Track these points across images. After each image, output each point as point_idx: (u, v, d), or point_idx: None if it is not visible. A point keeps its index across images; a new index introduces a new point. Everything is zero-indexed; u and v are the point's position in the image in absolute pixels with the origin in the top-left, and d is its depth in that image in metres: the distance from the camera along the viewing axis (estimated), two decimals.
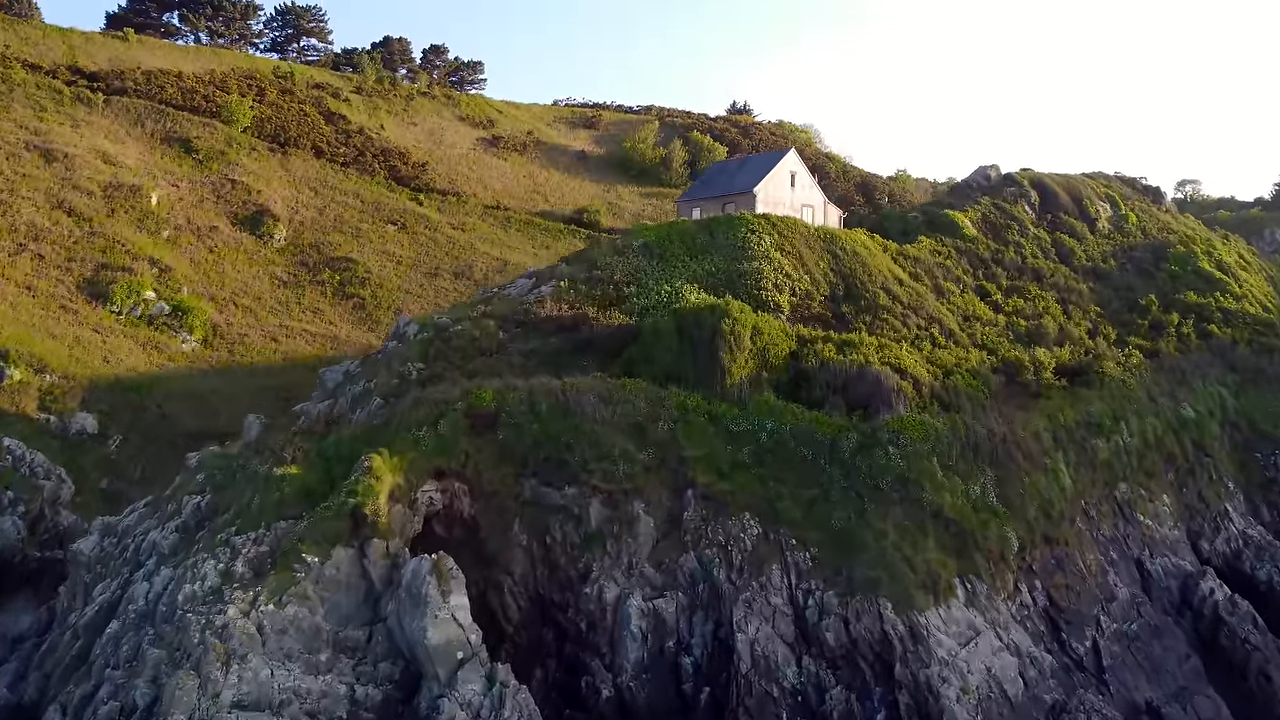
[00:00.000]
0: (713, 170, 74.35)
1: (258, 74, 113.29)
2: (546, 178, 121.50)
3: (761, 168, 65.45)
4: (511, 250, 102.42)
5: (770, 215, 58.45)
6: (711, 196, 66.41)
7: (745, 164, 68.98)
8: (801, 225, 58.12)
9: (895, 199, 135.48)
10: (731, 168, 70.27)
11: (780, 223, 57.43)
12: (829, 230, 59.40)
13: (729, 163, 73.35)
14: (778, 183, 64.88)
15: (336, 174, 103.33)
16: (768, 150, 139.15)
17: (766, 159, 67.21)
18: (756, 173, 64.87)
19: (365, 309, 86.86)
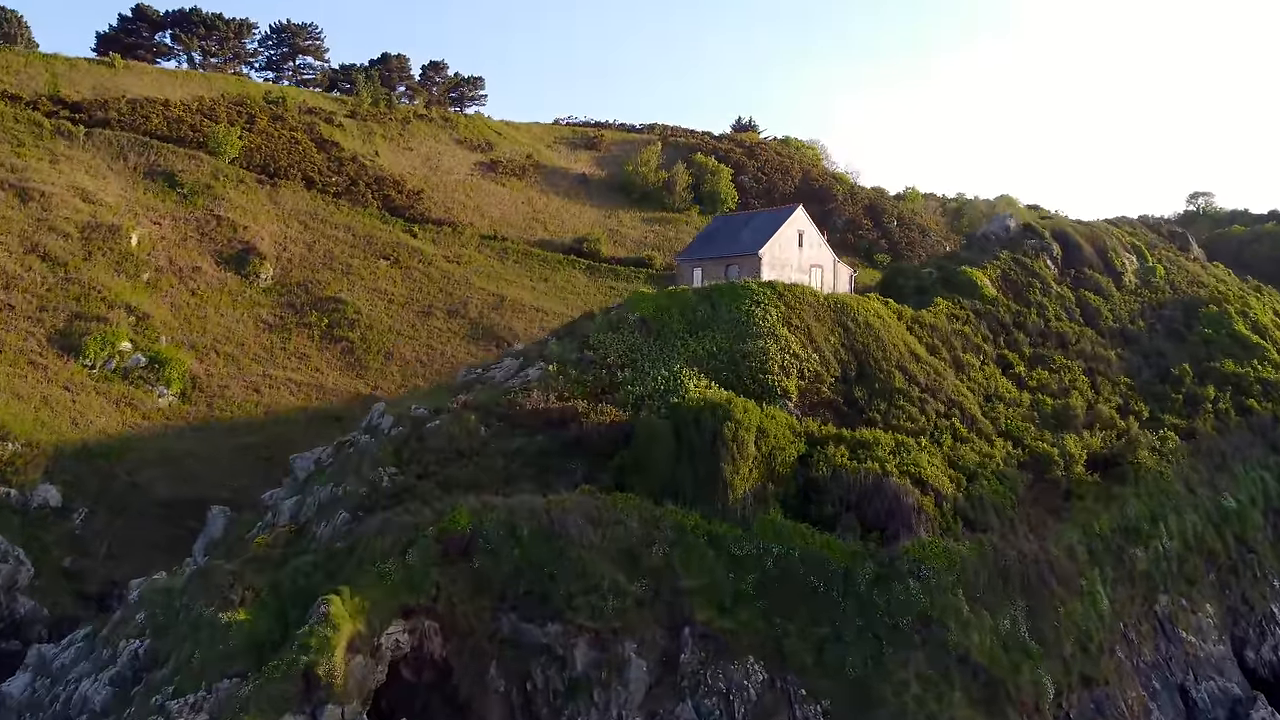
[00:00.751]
0: (716, 225, 69.31)
1: (248, 99, 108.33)
2: (546, 203, 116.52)
3: (767, 227, 60.45)
4: (508, 284, 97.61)
5: (776, 283, 53.44)
6: (714, 257, 61.45)
7: (750, 221, 63.94)
8: (810, 294, 53.16)
9: (904, 222, 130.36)
10: (736, 223, 65.24)
11: (787, 292, 52.47)
12: (839, 299, 54.40)
13: (733, 218, 68.26)
14: (784, 243, 59.93)
15: (328, 205, 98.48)
16: (775, 168, 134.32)
17: (772, 218, 62.20)
18: (762, 232, 59.90)
19: (354, 353, 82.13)
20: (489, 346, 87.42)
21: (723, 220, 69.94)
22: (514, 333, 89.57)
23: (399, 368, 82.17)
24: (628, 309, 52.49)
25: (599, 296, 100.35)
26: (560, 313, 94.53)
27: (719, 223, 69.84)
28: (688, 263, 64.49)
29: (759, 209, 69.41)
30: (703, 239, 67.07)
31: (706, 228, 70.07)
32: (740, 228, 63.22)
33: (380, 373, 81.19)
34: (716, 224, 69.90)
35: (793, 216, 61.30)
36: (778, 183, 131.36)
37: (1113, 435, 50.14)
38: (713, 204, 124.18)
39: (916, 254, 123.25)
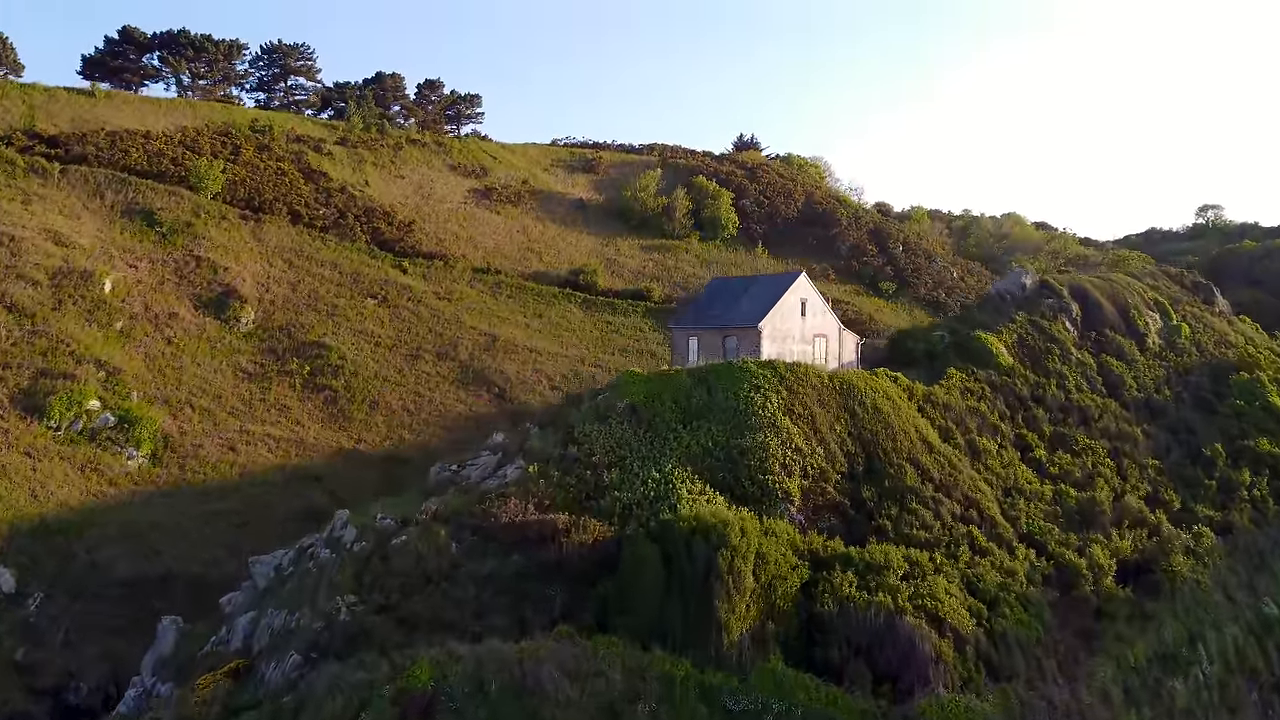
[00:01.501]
0: (713, 289, 64.37)
1: (234, 128, 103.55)
2: (541, 232, 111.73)
3: (767, 296, 55.64)
4: (501, 322, 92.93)
5: (778, 364, 48.68)
6: (711, 327, 56.71)
7: (750, 288, 59.06)
8: (813, 375, 48.43)
9: (910, 247, 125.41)
10: (734, 288, 60.41)
11: (789, 374, 47.72)
12: (845, 379, 49.61)
13: (731, 282, 63.40)
14: (785, 313, 55.19)
15: (314, 241, 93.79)
16: (778, 191, 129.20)
17: (773, 285, 57.34)
18: (762, 302, 55.13)
19: (337, 403, 77.52)
20: (479, 392, 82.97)
21: (720, 283, 65.01)
22: (505, 376, 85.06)
23: (384, 418, 77.60)
24: (617, 394, 47.73)
25: (594, 332, 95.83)
26: (554, 353, 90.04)
27: (716, 286, 64.92)
28: (683, 331, 59.74)
29: (758, 275, 63.88)
30: (699, 304, 62.26)
31: (704, 291, 65.17)
32: (739, 294, 58.39)
33: (364, 424, 76.64)
34: (714, 288, 64.98)
35: (795, 284, 56.42)
36: (780, 206, 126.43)
37: (1143, 535, 45.42)
38: (713, 229, 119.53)
39: (923, 281, 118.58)
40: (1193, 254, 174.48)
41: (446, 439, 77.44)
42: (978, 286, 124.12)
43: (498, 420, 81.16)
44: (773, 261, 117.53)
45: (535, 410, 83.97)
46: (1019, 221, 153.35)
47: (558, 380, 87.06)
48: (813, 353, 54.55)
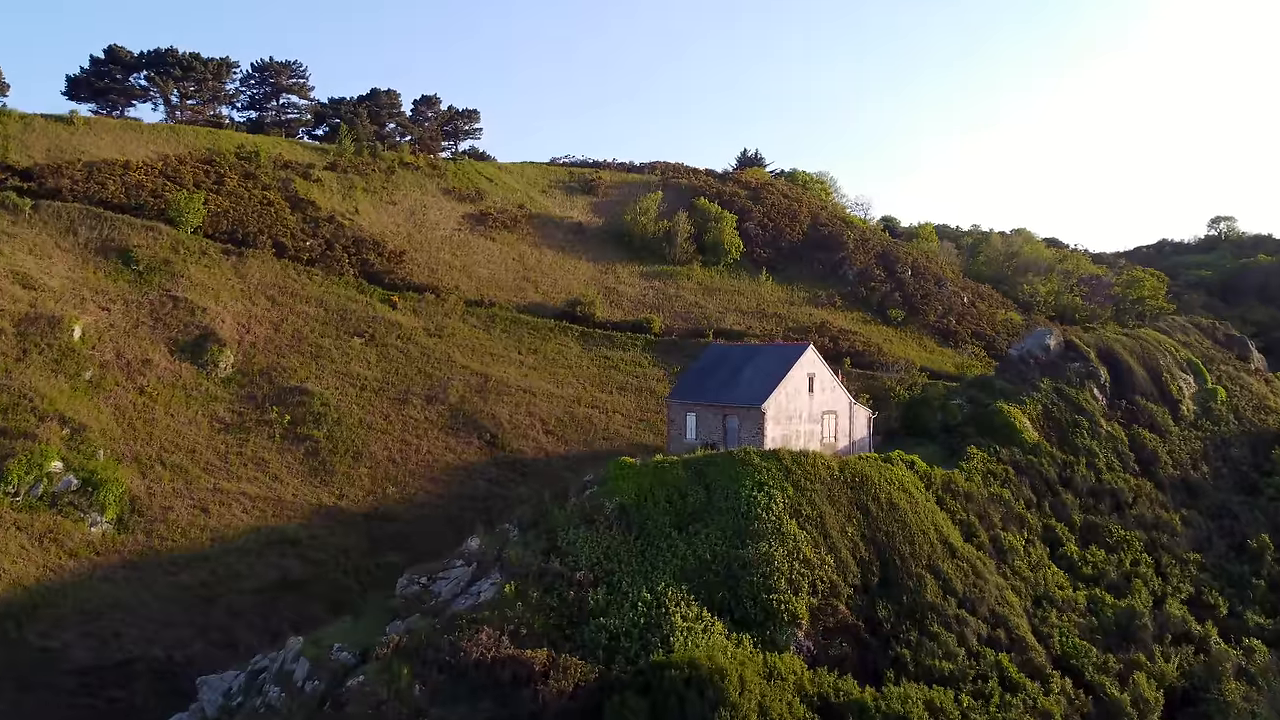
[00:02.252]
0: (712, 357, 58.89)
1: (219, 154, 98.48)
2: (538, 259, 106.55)
3: (771, 371, 50.42)
4: (494, 360, 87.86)
5: (783, 454, 43.60)
6: (710, 403, 51.56)
7: (753, 359, 53.67)
8: (822, 467, 43.34)
9: (919, 271, 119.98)
10: (735, 359, 54.97)
11: (795, 467, 42.63)
12: (858, 470, 44.51)
13: (732, 351, 57.68)
14: (791, 391, 50.04)
15: (299, 276, 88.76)
16: (782, 213, 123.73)
17: (778, 359, 52.02)
18: (765, 377, 49.94)
19: (319, 454, 72.53)
20: (469, 438, 77.97)
21: (720, 352, 59.49)
22: (497, 421, 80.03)
23: (368, 470, 72.65)
24: (605, 492, 42.56)
25: (592, 368, 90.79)
26: (549, 393, 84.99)
27: (716, 355, 59.47)
28: (681, 405, 54.59)
29: (761, 342, 57.99)
30: (698, 374, 56.89)
31: (702, 359, 59.70)
32: (741, 366, 53.09)
33: (347, 478, 71.69)
34: (713, 356, 59.57)
35: (801, 359, 51.16)
36: (785, 229, 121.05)
37: (1189, 652, 40.26)
38: (716, 255, 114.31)
39: (932, 308, 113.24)
40: (1206, 268, 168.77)
41: (433, 494, 72.55)
42: (989, 312, 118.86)
43: (487, 470, 76.35)
44: (777, 288, 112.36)
45: (527, 458, 79.23)
46: (1029, 239, 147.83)
47: (552, 423, 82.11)
48: (821, 432, 49.52)
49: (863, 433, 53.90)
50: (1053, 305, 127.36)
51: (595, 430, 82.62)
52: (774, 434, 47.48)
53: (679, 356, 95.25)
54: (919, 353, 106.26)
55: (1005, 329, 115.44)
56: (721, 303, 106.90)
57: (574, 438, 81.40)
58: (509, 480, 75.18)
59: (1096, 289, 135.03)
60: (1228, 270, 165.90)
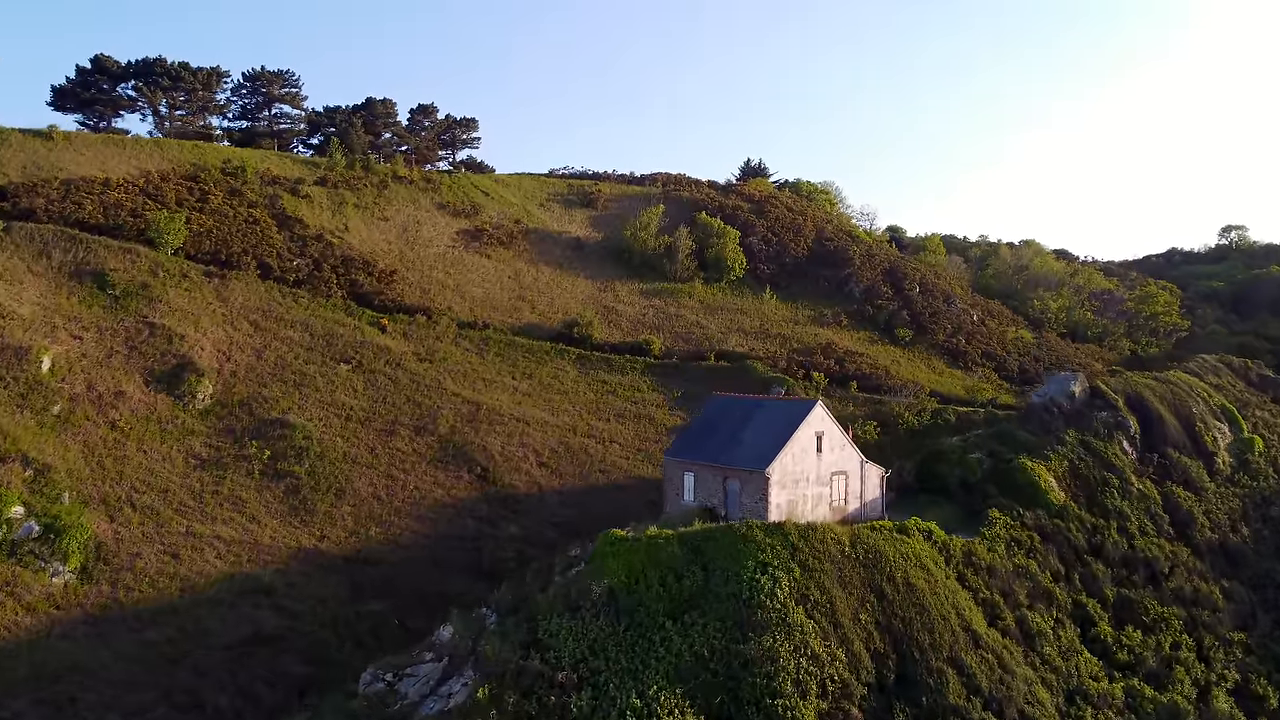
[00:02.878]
0: (713, 411, 54.11)
1: (203, 171, 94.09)
2: (535, 277, 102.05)
3: (777, 429, 45.85)
4: (487, 386, 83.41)
5: (789, 527, 39.15)
6: (709, 463, 47.02)
7: (755, 415, 48.96)
8: (832, 543, 38.89)
9: (927, 288, 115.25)
10: (736, 414, 50.21)
11: (803, 543, 38.21)
12: (871, 546, 40.06)
13: (733, 406, 52.44)
14: (798, 452, 45.51)
15: (284, 299, 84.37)
16: (786, 227, 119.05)
17: (783, 416, 47.42)
18: (770, 437, 45.41)
19: (299, 492, 68.19)
20: (458, 472, 73.61)
21: (721, 406, 54.59)
22: (488, 453, 75.62)
23: (351, 509, 68.30)
24: (593, 572, 38.11)
25: (589, 394, 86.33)
26: (544, 422, 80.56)
27: (716, 409, 54.70)
28: (679, 464, 50.05)
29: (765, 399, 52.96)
30: (698, 431, 52.14)
31: (703, 413, 54.95)
32: (742, 423, 48.50)
33: (328, 518, 67.33)
34: (713, 410, 54.82)
35: (809, 418, 46.54)
36: (789, 244, 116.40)
37: None
38: (718, 271, 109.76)
39: (941, 326, 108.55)
40: (1217, 278, 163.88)
41: (419, 533, 68.14)
42: (998, 330, 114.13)
43: (477, 507, 71.93)
44: (781, 307, 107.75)
45: (520, 493, 74.86)
46: (1039, 251, 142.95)
47: (546, 455, 77.68)
48: (830, 495, 45.01)
49: (875, 493, 49.27)
50: (1064, 322, 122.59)
51: (591, 461, 78.25)
52: (779, 499, 43.06)
53: (679, 380, 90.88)
54: (928, 374, 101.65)
55: (1016, 349, 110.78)
56: (724, 322, 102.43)
57: (569, 470, 77.02)
58: (500, 518, 70.84)
59: (1108, 304, 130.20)
60: (1239, 281, 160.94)
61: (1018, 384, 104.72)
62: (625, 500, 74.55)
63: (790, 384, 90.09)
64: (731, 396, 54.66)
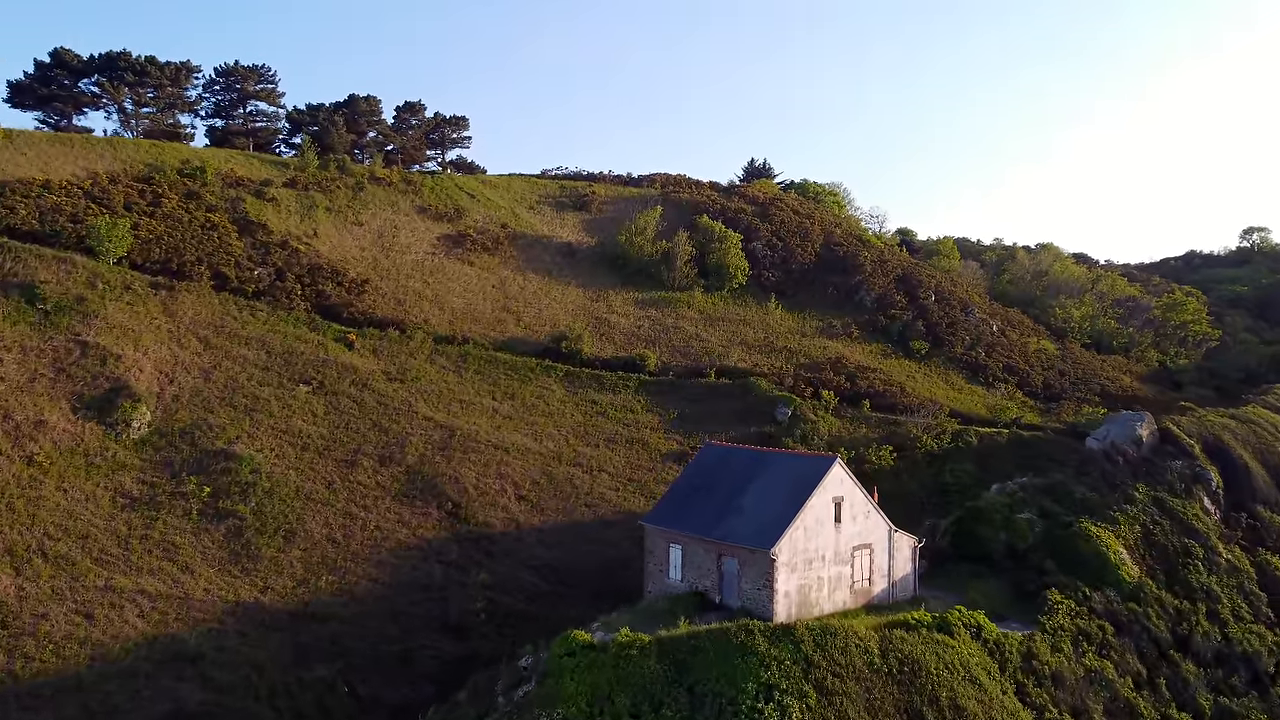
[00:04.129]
0: (705, 462, 43.69)
1: (160, 171, 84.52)
2: (521, 286, 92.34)
3: (786, 494, 35.98)
4: (462, 410, 73.75)
5: (800, 633, 29.54)
6: (700, 536, 37.16)
7: (760, 476, 38.66)
8: (856, 651, 29.39)
9: (942, 296, 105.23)
10: (736, 472, 39.82)
11: (818, 653, 28.78)
12: (907, 653, 30.43)
13: (732, 457, 41.74)
14: (812, 523, 35.79)
15: (240, 313, 74.81)
16: (793, 231, 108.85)
17: (793, 475, 37.33)
18: (777, 503, 35.63)
19: (243, 535, 58.61)
20: (426, 508, 64.07)
21: (715, 459, 44.06)
22: (461, 486, 66.11)
23: (301, 554, 58.76)
24: (544, 698, 28.42)
25: (576, 416, 76.66)
26: (525, 449, 70.96)
27: (710, 462, 44.10)
28: (663, 534, 40.12)
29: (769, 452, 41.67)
30: (688, 490, 41.95)
31: (693, 466, 44.61)
32: (742, 483, 38.52)
33: (274, 565, 57.75)
34: (707, 464, 44.24)
35: (825, 481, 36.58)
36: (795, 250, 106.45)
37: None
38: (720, 279, 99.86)
39: (959, 338, 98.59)
40: (1240, 282, 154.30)
41: (378, 582, 58.54)
42: (1020, 342, 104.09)
43: (446, 549, 62.31)
44: (787, 317, 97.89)
45: (494, 532, 65.31)
46: (1058, 256, 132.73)
47: (526, 487, 68.10)
48: (851, 575, 35.32)
49: (906, 568, 39.41)
50: (1087, 331, 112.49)
51: (577, 494, 68.65)
52: (787, 586, 33.38)
53: (676, 399, 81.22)
54: (945, 391, 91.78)
55: (1039, 361, 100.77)
56: (725, 334, 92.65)
57: (551, 505, 67.40)
58: (471, 562, 61.23)
59: (1133, 312, 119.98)
60: (1264, 285, 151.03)
61: (1042, 400, 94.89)
62: (613, 538, 65.01)
63: (797, 403, 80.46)
64: (728, 447, 44.36)
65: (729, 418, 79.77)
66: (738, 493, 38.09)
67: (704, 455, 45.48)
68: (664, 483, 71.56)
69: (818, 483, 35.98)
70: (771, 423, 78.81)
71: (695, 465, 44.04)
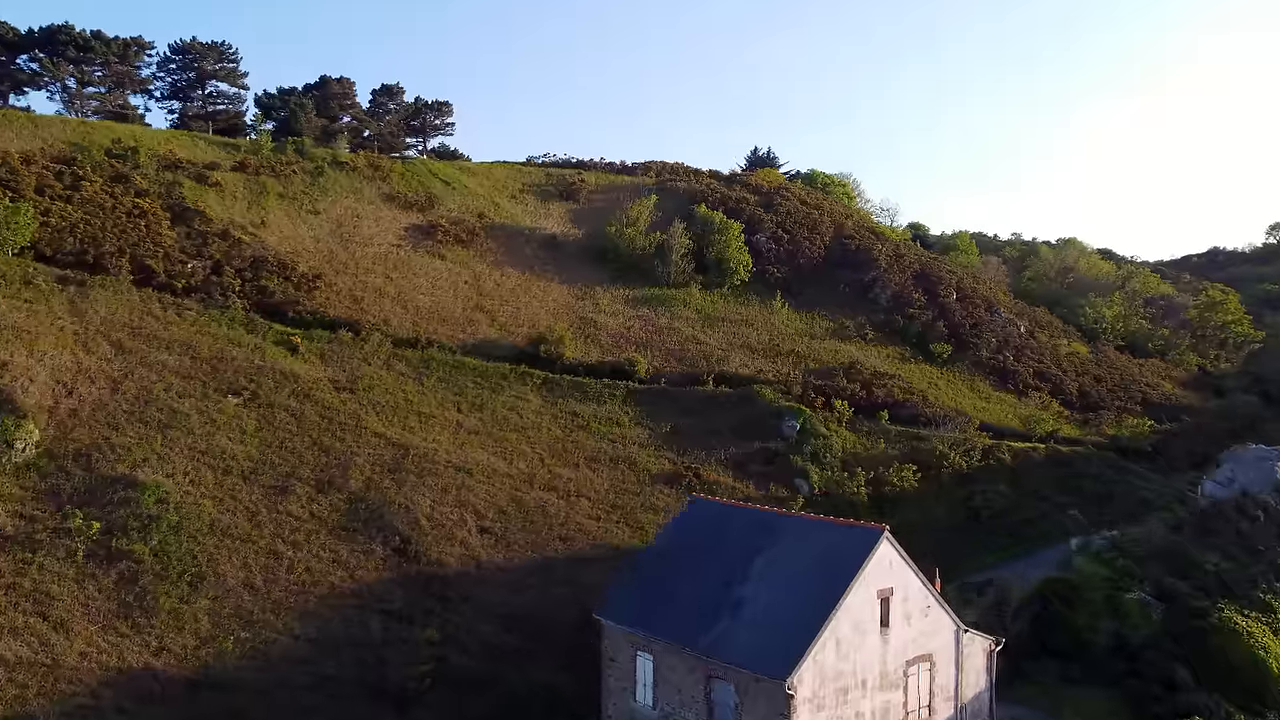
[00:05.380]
0: (691, 527, 29.89)
1: (85, 151, 72.71)
2: (498, 282, 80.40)
3: (807, 593, 23.33)
4: (421, 424, 61.90)
5: None
6: (678, 644, 24.90)
7: (769, 552, 25.45)
8: None
9: (965, 294, 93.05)
10: (735, 537, 26.45)
11: None
12: None
13: (731, 518, 27.30)
14: (848, 636, 23.54)
15: (165, 311, 63.00)
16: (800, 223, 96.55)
17: (821, 562, 24.41)
18: (796, 601, 23.30)
19: (138, 582, 46.64)
20: (369, 544, 52.13)
21: (707, 518, 29.96)
22: (413, 516, 54.21)
23: (210, 605, 46.79)
24: None
25: (554, 430, 64.83)
26: (492, 470, 59.15)
27: (698, 521, 30.04)
28: (626, 636, 27.66)
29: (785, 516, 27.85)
30: (663, 566, 28.95)
31: (673, 530, 31.45)
32: (744, 565, 25.91)
33: (173, 620, 45.78)
34: (693, 522, 30.16)
35: (867, 568, 23.41)
36: (803, 243, 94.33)
37: None
38: (720, 275, 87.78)
39: (985, 341, 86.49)
40: (1269, 280, 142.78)
41: (301, 640, 46.57)
42: (1050, 344, 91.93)
43: (390, 594, 50.39)
44: (794, 317, 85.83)
45: (450, 573, 53.54)
46: (1083, 251, 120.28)
47: (491, 517, 56.26)
48: (905, 703, 23.20)
49: (979, 684, 26.95)
50: (1120, 333, 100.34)
51: (550, 524, 56.79)
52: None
53: (670, 409, 69.40)
54: (972, 400, 79.74)
55: (1072, 366, 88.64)
56: (725, 336, 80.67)
57: (519, 538, 55.51)
58: (417, 612, 49.35)
59: (1168, 312, 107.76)
60: None
61: (1079, 410, 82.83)
62: (591, 579, 52.95)
63: (806, 415, 68.51)
64: (725, 505, 31.25)
65: (728, 432, 68.00)
66: (737, 577, 25.65)
67: (690, 515, 32.52)
68: (652, 510, 59.71)
69: (857, 570, 23.42)
70: (777, 438, 67.04)
71: (678, 529, 31.27)
